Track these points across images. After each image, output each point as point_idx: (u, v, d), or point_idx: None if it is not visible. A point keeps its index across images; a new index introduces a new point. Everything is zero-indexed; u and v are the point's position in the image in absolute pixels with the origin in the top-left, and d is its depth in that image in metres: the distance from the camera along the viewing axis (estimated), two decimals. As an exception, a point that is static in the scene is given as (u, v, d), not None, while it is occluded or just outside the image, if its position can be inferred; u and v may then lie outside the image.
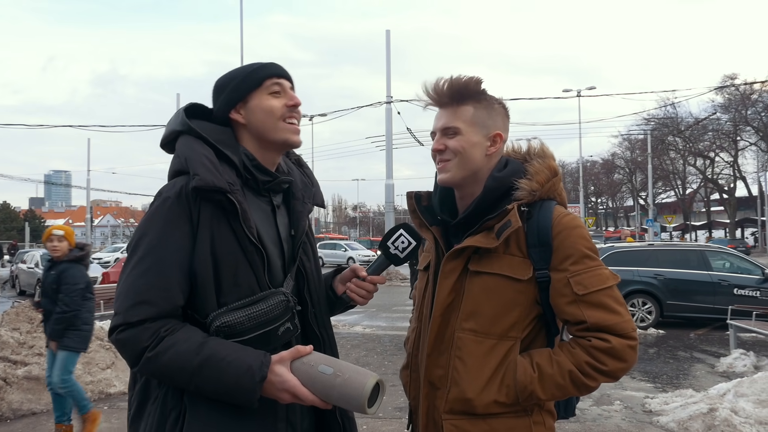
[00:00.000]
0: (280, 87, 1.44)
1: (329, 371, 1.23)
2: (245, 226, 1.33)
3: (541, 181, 1.47)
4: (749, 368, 6.73)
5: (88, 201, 38.08)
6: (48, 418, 5.04)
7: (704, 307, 9.70)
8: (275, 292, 1.36)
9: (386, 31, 22.18)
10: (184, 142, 1.38)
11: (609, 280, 1.41)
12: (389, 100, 22.10)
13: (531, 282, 1.43)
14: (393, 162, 21.98)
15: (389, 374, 6.60)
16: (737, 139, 40.15)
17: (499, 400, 1.42)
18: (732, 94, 37.22)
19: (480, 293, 1.46)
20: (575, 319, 1.40)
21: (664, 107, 40.45)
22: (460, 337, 1.47)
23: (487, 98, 1.52)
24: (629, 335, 1.38)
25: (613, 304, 1.39)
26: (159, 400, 1.31)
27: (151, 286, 1.26)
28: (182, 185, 1.33)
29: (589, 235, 1.47)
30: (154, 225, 1.31)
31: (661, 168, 47.07)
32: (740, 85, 35.13)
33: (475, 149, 1.49)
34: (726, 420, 4.46)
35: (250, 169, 1.41)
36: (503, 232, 1.42)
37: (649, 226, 35.51)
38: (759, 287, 9.59)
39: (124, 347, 1.27)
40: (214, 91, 1.48)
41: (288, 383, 1.23)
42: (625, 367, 1.38)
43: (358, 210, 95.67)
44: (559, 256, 1.42)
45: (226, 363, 1.23)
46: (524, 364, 1.42)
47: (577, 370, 1.38)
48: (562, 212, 1.46)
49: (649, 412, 5.18)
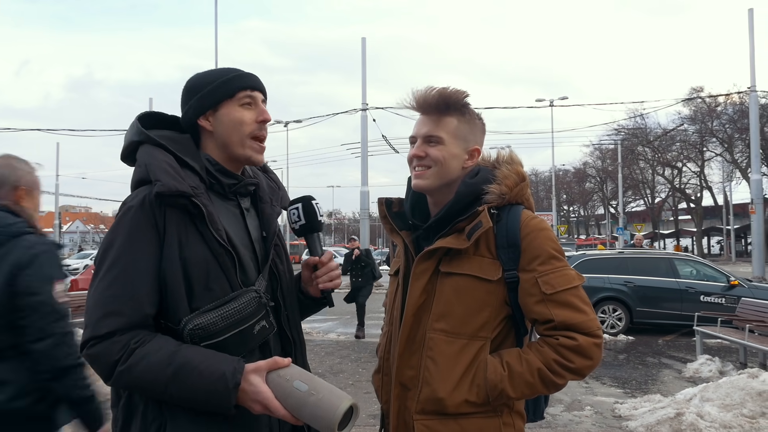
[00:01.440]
0: (251, 99, 1.43)
1: (304, 388, 1.21)
2: (212, 228, 1.32)
3: (509, 185, 1.52)
4: (714, 373, 6.90)
5: (57, 206, 37.21)
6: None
7: (672, 314, 9.90)
8: (246, 291, 1.35)
9: (362, 38, 22.27)
10: (144, 151, 1.37)
11: (575, 280, 1.46)
12: (365, 108, 22.15)
13: (500, 282, 1.47)
14: (368, 169, 22.04)
15: (363, 381, 6.58)
16: (703, 150, 41.23)
17: (470, 399, 1.44)
18: (698, 106, 38.25)
19: (451, 294, 1.49)
20: (543, 317, 1.43)
21: (634, 118, 41.37)
22: (431, 338, 1.49)
23: (470, 112, 1.56)
24: (595, 333, 1.42)
25: (580, 303, 1.44)
26: (140, 413, 1.29)
27: (119, 296, 1.25)
28: (145, 194, 1.31)
29: (555, 237, 1.52)
30: (118, 235, 1.29)
31: (631, 177, 48.02)
32: (706, 98, 36.15)
33: (454, 161, 1.53)
34: (692, 424, 4.56)
35: (213, 173, 1.41)
36: (474, 233, 1.46)
37: (619, 234, 36.18)
38: (724, 294, 9.84)
39: (95, 362, 1.25)
40: (185, 91, 1.46)
41: (261, 394, 1.22)
42: (591, 364, 1.42)
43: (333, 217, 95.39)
44: (527, 256, 1.46)
45: (199, 372, 1.21)
46: (494, 363, 1.45)
47: (546, 368, 1.41)
48: (529, 215, 1.51)
49: (618, 417, 5.27)
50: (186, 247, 1.30)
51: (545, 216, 34.16)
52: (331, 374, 7.02)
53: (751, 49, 18.61)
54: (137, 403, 1.31)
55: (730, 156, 38.71)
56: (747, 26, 18.84)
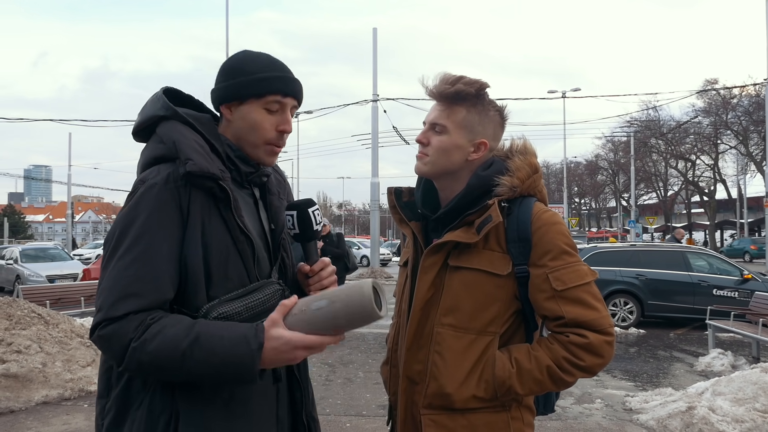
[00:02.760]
0: (280, 106, 1.35)
1: (324, 303, 1.16)
2: (236, 215, 1.27)
3: (521, 178, 1.48)
4: (727, 367, 6.84)
5: (69, 196, 37.53)
6: (27, 416, 4.96)
7: (684, 307, 9.83)
8: (269, 282, 1.33)
9: (373, 29, 22.15)
10: (171, 127, 1.29)
11: (587, 276, 1.43)
12: (375, 99, 22.08)
13: (510, 277, 1.44)
14: (378, 160, 21.99)
15: (373, 372, 6.61)
16: (717, 142, 40.74)
17: (478, 395, 1.43)
18: (713, 98, 37.78)
19: (460, 288, 1.46)
20: (553, 314, 1.41)
21: (647, 110, 40.95)
22: (439, 332, 1.47)
23: (484, 104, 1.51)
24: (606, 331, 1.39)
25: (591, 300, 1.41)
26: (145, 405, 1.21)
27: (139, 277, 1.17)
28: (170, 171, 1.24)
29: (568, 232, 1.48)
30: (141, 213, 1.20)
31: (644, 170, 47.62)
32: (720, 90, 35.68)
33: (456, 152, 1.49)
34: (704, 418, 4.53)
35: (233, 159, 1.36)
36: (484, 227, 1.43)
37: (631, 227, 35.94)
38: (737, 288, 9.75)
39: (108, 342, 1.15)
40: (223, 69, 1.38)
41: (293, 340, 1.15)
42: (602, 362, 1.40)
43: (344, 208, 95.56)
44: (539, 251, 1.42)
45: (219, 337, 1.14)
46: (503, 359, 1.43)
47: (555, 366, 1.39)
48: (541, 208, 1.47)
49: (629, 411, 5.25)
50: (208, 231, 1.24)
51: (556, 208, 33.92)
52: (341, 364, 7.06)
53: (767, 39, 18.31)
54: (136, 395, 1.23)
55: (744, 149, 38.23)
56: (764, 17, 18.53)
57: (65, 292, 9.63)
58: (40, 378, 5.44)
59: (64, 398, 5.41)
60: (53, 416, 4.94)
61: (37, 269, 16.50)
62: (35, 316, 6.32)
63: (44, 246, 21.10)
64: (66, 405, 5.29)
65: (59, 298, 9.19)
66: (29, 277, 16.06)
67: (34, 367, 5.47)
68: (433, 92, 1.51)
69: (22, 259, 17.29)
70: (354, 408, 5.30)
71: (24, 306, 6.43)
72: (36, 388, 5.35)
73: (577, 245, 1.51)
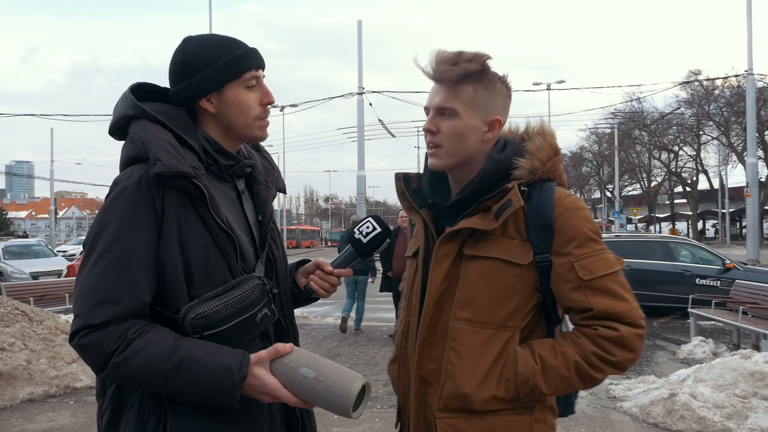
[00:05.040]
0: (257, 80, 1.35)
1: (311, 375, 1.17)
2: (214, 212, 1.25)
3: (543, 160, 1.36)
4: (708, 355, 6.96)
5: (52, 192, 37.02)
6: (12, 413, 4.93)
7: (667, 297, 9.97)
8: (249, 277, 1.30)
9: (358, 21, 22.05)
10: (140, 127, 1.27)
11: (615, 264, 1.32)
12: (361, 92, 22.02)
13: (531, 267, 1.33)
14: (365, 153, 21.94)
15: (360, 364, 6.64)
16: (700, 133, 41.20)
17: (498, 395, 1.31)
18: (695, 89, 38.15)
19: (476, 279, 1.34)
20: (580, 306, 1.30)
21: (631, 102, 41.26)
22: (454, 327, 1.35)
23: (489, 77, 1.37)
24: (638, 323, 1.29)
25: (621, 291, 1.30)
26: (135, 405, 1.23)
27: (115, 283, 1.17)
28: (142, 173, 1.23)
29: (592, 218, 1.37)
30: (113, 217, 1.21)
31: (628, 161, 48.02)
32: (704, 81, 36.04)
33: (471, 135, 1.37)
34: (685, 404, 4.61)
35: (211, 153, 1.33)
36: (503, 212, 1.31)
37: (615, 218, 36.27)
38: (719, 277, 9.89)
39: (87, 352, 1.17)
40: (181, 66, 1.33)
41: (268, 386, 1.18)
42: (633, 357, 1.29)
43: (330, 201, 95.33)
44: (562, 238, 1.31)
45: (203, 364, 1.15)
46: (525, 355, 1.31)
47: (583, 361, 1.28)
48: (564, 193, 1.36)
49: (613, 398, 5.33)
50: (185, 231, 1.23)
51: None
52: (329, 358, 7.05)
53: (749, 32, 18.51)
54: (129, 395, 1.24)
55: (726, 139, 38.71)
56: (745, 9, 18.73)
57: (49, 289, 9.53)
58: (24, 375, 5.39)
59: (50, 395, 5.37)
60: (39, 413, 4.90)
61: (21, 266, 16.30)
62: (19, 313, 6.25)
63: (27, 243, 20.83)
64: (52, 402, 5.25)
65: (43, 295, 9.09)
66: (12, 274, 15.87)
67: (18, 364, 5.42)
68: (434, 75, 1.37)
69: (5, 256, 17.06)
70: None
71: (7, 303, 6.35)
72: (21, 386, 5.31)
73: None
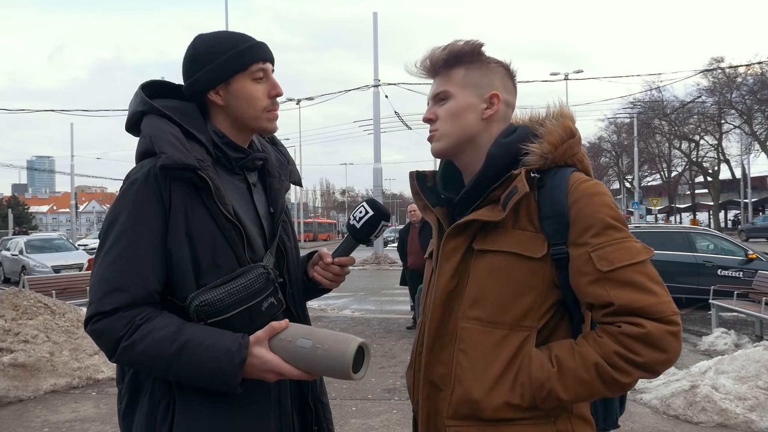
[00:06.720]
0: (264, 72, 1.38)
1: (308, 345, 1.19)
2: (220, 203, 1.28)
3: (553, 142, 1.25)
4: (730, 346, 6.86)
5: (72, 187, 37.63)
6: (36, 404, 5.03)
7: (689, 288, 9.84)
8: (254, 266, 1.32)
9: (373, 13, 22.00)
10: (149, 122, 1.33)
11: (640, 253, 1.17)
12: (377, 84, 21.98)
13: (546, 260, 1.21)
14: (381, 146, 21.96)
15: (378, 356, 6.65)
16: (721, 122, 40.44)
17: (512, 401, 1.20)
18: (717, 77, 37.45)
19: (486, 275, 1.25)
20: (600, 301, 1.16)
21: (650, 91, 40.63)
22: (464, 328, 1.25)
23: (482, 59, 1.33)
24: (668, 319, 1.12)
25: (646, 282, 1.15)
26: (148, 391, 1.28)
27: (124, 272, 1.22)
28: (150, 166, 1.28)
29: (614, 203, 1.23)
30: (123, 210, 1.26)
31: (647, 151, 47.39)
32: (726, 69, 35.33)
33: (469, 112, 1.31)
34: (707, 396, 4.55)
35: (220, 146, 1.37)
36: (509, 201, 1.21)
37: (634, 208, 35.83)
38: (742, 268, 9.74)
39: (99, 338, 1.23)
40: (190, 60, 1.39)
41: (269, 363, 1.20)
42: (665, 358, 1.13)
43: (347, 194, 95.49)
44: (578, 227, 1.18)
45: (204, 348, 1.19)
46: (540, 357, 1.19)
47: (605, 362, 1.14)
48: (580, 177, 1.24)
49: (633, 390, 5.27)
50: (192, 221, 1.27)
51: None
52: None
53: (772, 16, 18.08)
54: (143, 381, 1.29)
55: (748, 128, 37.95)
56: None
57: (71, 282, 9.69)
58: (47, 367, 5.49)
59: (72, 386, 5.47)
60: (62, 404, 5.00)
61: (43, 260, 16.61)
62: (41, 305, 6.37)
63: (49, 236, 21.22)
64: (74, 393, 5.35)
65: (65, 288, 9.24)
66: (35, 267, 16.17)
67: (41, 356, 5.52)
68: (426, 66, 1.35)
69: (27, 250, 17.40)
70: (359, 392, 5.34)
71: (30, 296, 6.47)
72: (44, 377, 5.41)
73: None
